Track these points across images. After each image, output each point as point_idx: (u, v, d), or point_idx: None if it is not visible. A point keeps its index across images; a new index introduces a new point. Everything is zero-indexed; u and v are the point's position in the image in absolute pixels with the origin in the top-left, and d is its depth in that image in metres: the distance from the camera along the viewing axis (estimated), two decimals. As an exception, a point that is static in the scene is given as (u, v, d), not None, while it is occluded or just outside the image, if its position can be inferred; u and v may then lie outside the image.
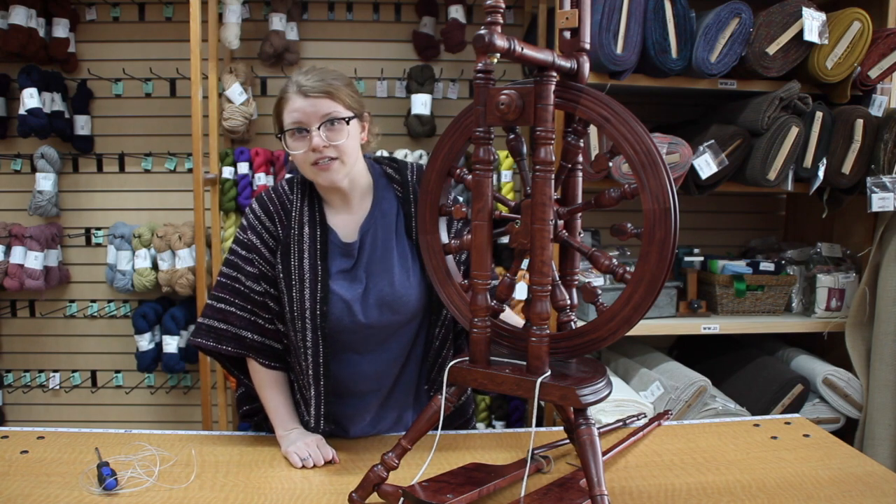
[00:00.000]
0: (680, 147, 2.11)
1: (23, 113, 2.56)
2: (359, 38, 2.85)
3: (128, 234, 2.68)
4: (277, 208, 1.41)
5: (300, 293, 1.35)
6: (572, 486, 1.16)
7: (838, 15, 2.17)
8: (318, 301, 1.34)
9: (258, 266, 1.40)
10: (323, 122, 1.31)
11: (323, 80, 1.32)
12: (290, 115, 1.33)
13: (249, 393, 1.52)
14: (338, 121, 1.32)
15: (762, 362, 2.42)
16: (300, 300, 1.35)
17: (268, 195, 1.44)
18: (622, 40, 2.06)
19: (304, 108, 1.31)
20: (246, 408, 1.56)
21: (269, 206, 1.42)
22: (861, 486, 1.22)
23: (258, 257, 1.40)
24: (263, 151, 2.59)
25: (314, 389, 1.37)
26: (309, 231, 1.38)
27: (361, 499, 1.12)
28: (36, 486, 1.18)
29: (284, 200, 1.42)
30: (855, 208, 2.42)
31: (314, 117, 1.31)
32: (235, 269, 1.42)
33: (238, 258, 1.42)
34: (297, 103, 1.32)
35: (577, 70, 1.03)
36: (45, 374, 2.92)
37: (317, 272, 1.35)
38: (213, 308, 1.43)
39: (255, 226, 1.41)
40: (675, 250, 0.96)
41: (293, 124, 1.33)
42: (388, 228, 1.41)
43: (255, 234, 1.41)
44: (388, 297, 1.37)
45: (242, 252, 1.42)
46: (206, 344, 1.41)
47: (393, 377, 1.43)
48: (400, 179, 1.45)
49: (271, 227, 1.40)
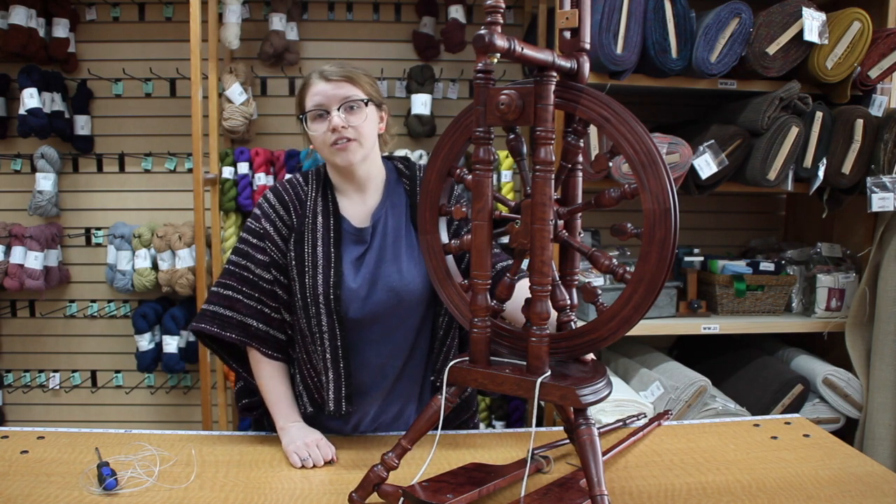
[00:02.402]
0: (680, 147, 2.11)
1: (23, 113, 2.56)
2: (359, 38, 2.85)
3: (128, 234, 2.68)
4: (293, 198, 1.45)
5: (313, 279, 1.38)
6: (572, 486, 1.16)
7: (838, 15, 2.17)
8: (332, 285, 1.37)
9: (270, 254, 1.43)
10: (343, 105, 1.36)
11: (344, 68, 1.39)
12: (311, 99, 1.38)
13: (248, 386, 1.53)
14: (356, 103, 1.37)
15: (762, 362, 2.42)
16: (313, 286, 1.37)
17: (282, 186, 1.47)
18: (622, 40, 2.06)
19: (325, 90, 1.37)
20: (245, 401, 1.56)
21: (284, 195, 1.45)
22: (861, 486, 1.22)
23: (271, 245, 1.43)
24: (263, 151, 2.59)
25: (333, 373, 1.39)
26: (322, 220, 1.42)
27: (361, 499, 1.12)
28: (36, 486, 1.18)
29: (299, 191, 1.46)
30: (855, 208, 2.42)
31: (334, 99, 1.36)
32: (245, 257, 1.44)
33: (248, 246, 1.44)
34: (318, 87, 1.38)
35: (577, 70, 1.03)
36: (45, 374, 2.92)
37: (330, 258, 1.39)
38: (218, 295, 1.44)
39: (269, 214, 1.44)
40: (675, 250, 0.96)
41: (315, 107, 1.38)
42: (398, 218, 1.46)
43: (268, 222, 1.43)
44: (395, 284, 1.40)
45: (254, 240, 1.44)
46: (210, 329, 1.41)
47: (398, 368, 1.45)
48: (409, 174, 1.50)
49: (285, 217, 1.43)
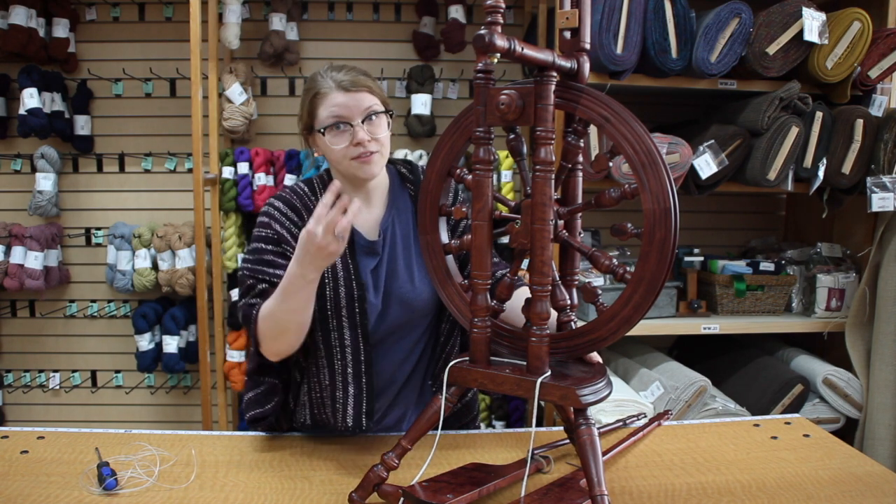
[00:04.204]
0: (680, 147, 2.11)
1: (23, 113, 2.57)
2: (359, 38, 2.85)
3: (128, 234, 2.68)
4: (301, 206, 1.38)
5: (334, 291, 1.33)
6: (572, 486, 1.16)
7: (838, 15, 2.17)
8: (357, 299, 1.33)
9: (290, 255, 1.31)
10: (365, 116, 1.31)
11: (356, 75, 1.32)
12: (329, 111, 1.30)
13: (256, 397, 1.44)
14: (377, 114, 1.32)
15: (762, 362, 2.42)
16: (335, 299, 1.33)
17: (288, 194, 1.40)
18: (622, 40, 2.06)
19: (346, 102, 1.29)
20: (254, 412, 1.45)
21: (293, 202, 1.38)
22: (861, 486, 1.22)
23: (290, 248, 1.34)
24: (263, 151, 2.59)
25: (354, 387, 1.35)
26: None
27: (361, 499, 1.12)
28: (36, 486, 1.18)
29: (306, 201, 1.39)
30: (855, 208, 2.42)
31: (356, 111, 1.30)
32: (269, 265, 1.34)
33: (265, 254, 1.35)
34: (338, 98, 1.30)
35: (577, 70, 1.03)
36: (45, 374, 2.92)
37: (349, 271, 1.34)
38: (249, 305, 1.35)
39: (281, 220, 1.36)
40: (675, 250, 0.96)
41: (335, 119, 1.30)
42: (405, 225, 1.42)
43: (282, 228, 1.36)
44: (408, 297, 1.37)
45: (270, 247, 1.35)
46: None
47: (406, 374, 1.44)
48: (413, 179, 1.46)
49: (298, 221, 1.36)
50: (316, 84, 1.33)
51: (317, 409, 1.42)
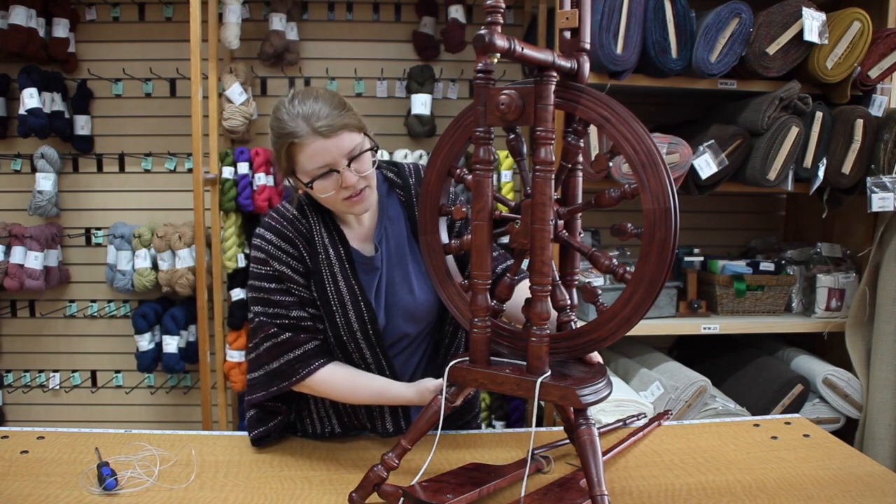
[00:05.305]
0: (680, 147, 2.11)
1: (23, 113, 2.57)
2: (359, 38, 2.85)
3: (128, 234, 2.68)
4: (295, 233, 1.34)
5: (344, 317, 1.33)
6: (572, 486, 1.16)
7: (838, 15, 2.17)
8: (368, 320, 1.33)
9: (297, 293, 1.33)
10: (351, 159, 1.25)
11: (331, 114, 1.23)
12: (313, 160, 1.24)
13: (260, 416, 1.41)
14: (362, 152, 1.27)
15: (762, 362, 2.42)
16: (347, 324, 1.33)
17: (277, 222, 1.35)
18: (622, 40, 2.06)
19: (328, 149, 1.23)
20: (259, 430, 1.39)
21: (285, 232, 1.33)
22: (861, 486, 1.22)
23: (293, 285, 1.33)
24: (263, 151, 2.59)
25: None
26: (334, 253, 1.34)
27: (361, 499, 1.12)
28: (36, 486, 1.18)
29: (298, 226, 1.34)
30: (855, 208, 2.42)
31: (339, 156, 1.24)
32: (275, 305, 1.33)
33: (269, 293, 1.33)
34: (318, 145, 1.23)
35: (577, 70, 1.03)
36: (45, 374, 2.92)
37: (355, 293, 1.33)
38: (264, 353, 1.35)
39: (277, 256, 1.32)
40: (675, 250, 0.96)
41: (323, 168, 1.25)
42: (398, 233, 1.41)
43: (281, 264, 1.32)
44: (410, 307, 1.38)
45: (274, 285, 1.33)
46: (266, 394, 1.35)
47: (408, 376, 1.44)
48: (401, 184, 1.43)
49: (295, 253, 1.33)
50: (287, 128, 1.23)
51: (347, 417, 1.44)
